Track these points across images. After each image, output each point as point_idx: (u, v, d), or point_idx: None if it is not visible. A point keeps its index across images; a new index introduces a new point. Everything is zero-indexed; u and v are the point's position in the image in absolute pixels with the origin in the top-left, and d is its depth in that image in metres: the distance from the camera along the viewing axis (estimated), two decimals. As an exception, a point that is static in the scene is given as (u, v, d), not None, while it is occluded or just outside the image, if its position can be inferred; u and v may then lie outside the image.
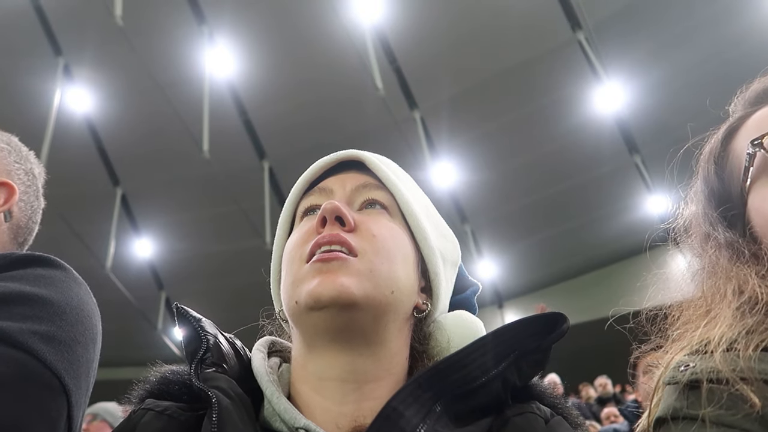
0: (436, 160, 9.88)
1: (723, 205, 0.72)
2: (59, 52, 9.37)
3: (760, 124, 0.71)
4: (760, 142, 0.67)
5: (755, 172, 0.68)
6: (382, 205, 0.71)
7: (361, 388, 0.63)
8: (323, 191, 0.72)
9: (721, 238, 0.70)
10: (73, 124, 9.75)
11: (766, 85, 0.75)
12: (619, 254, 10.31)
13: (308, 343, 0.66)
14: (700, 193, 0.76)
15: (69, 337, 0.72)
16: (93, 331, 0.79)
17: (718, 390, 0.57)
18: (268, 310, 0.74)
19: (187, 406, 0.63)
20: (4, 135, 1.03)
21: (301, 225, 0.71)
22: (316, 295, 0.61)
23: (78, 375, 0.73)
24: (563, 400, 0.67)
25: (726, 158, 0.74)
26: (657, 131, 9.23)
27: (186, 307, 0.69)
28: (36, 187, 1.04)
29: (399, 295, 0.65)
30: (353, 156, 0.74)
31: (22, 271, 0.77)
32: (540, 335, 0.64)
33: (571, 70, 9.11)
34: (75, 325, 0.74)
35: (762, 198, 0.67)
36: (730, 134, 0.75)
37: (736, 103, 0.79)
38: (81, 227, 10.12)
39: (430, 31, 9.10)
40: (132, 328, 11.09)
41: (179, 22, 9.18)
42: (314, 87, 9.53)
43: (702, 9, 8.29)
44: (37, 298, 0.73)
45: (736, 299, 0.64)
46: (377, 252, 0.65)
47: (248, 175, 10.25)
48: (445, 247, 0.76)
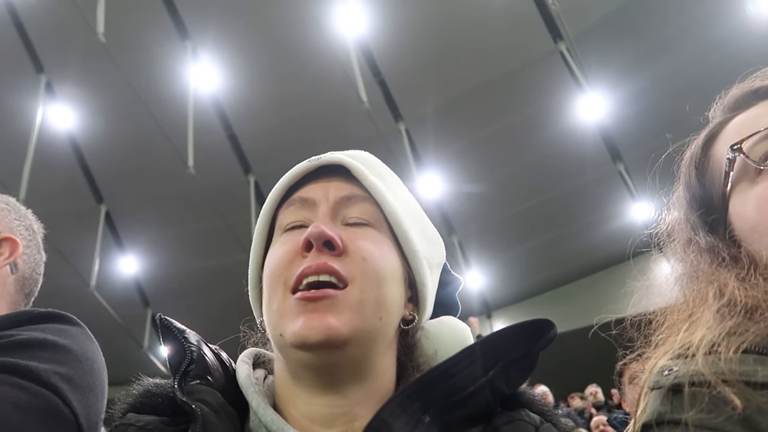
0: (422, 171, 9.90)
1: (704, 209, 0.73)
2: (41, 69, 9.30)
3: (739, 129, 0.71)
4: (740, 146, 0.68)
5: (735, 176, 0.69)
6: (367, 219, 0.68)
7: (351, 410, 0.62)
8: (305, 202, 0.68)
9: (703, 242, 0.71)
10: (56, 141, 9.65)
11: (744, 91, 0.76)
12: (605, 261, 10.37)
13: (293, 373, 0.64)
14: (682, 199, 0.77)
15: (85, 383, 0.77)
16: (103, 384, 0.84)
17: (700, 393, 0.57)
18: (250, 320, 0.73)
19: (170, 420, 0.62)
20: (3, 196, 1.11)
21: (283, 239, 0.68)
22: (303, 337, 0.59)
23: (90, 420, 0.76)
24: (552, 407, 0.67)
25: (707, 163, 0.74)
26: (639, 139, 9.33)
27: (170, 318, 0.68)
28: (36, 242, 1.11)
29: (387, 317, 0.64)
30: (336, 161, 0.70)
31: (43, 326, 0.82)
32: (527, 342, 0.64)
33: (553, 80, 9.21)
34: (90, 374, 0.80)
35: (743, 202, 0.68)
36: (710, 140, 0.75)
37: (715, 109, 0.80)
38: (64, 245, 9.97)
39: (413, 43, 9.16)
40: (117, 346, 10.91)
41: (162, 38, 9.15)
42: (299, 100, 9.54)
43: (680, 18, 8.44)
44: (58, 345, 0.78)
45: (717, 302, 0.64)
46: (367, 277, 0.62)
47: (234, 190, 10.21)
48: (431, 251, 0.74)
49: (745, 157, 0.67)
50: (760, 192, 0.66)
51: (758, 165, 0.66)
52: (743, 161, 0.68)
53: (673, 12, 8.40)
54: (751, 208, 0.66)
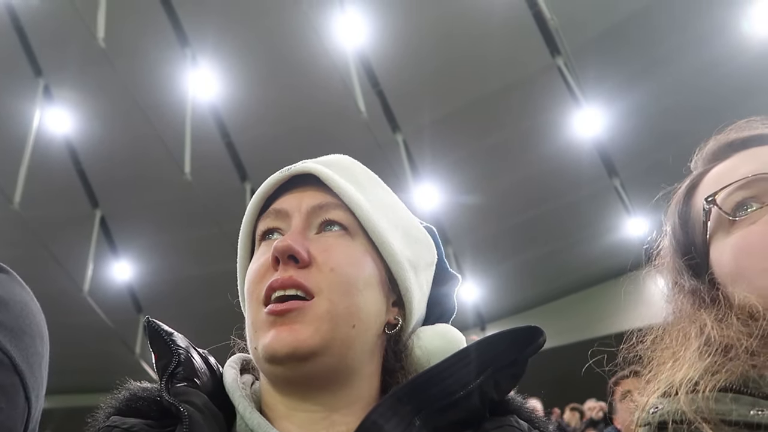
0: (418, 182, 9.93)
1: (688, 255, 0.77)
2: (39, 72, 9.31)
3: (715, 180, 0.76)
4: (713, 199, 0.73)
5: (712, 226, 0.74)
6: (341, 226, 0.67)
7: (330, 416, 0.63)
8: (279, 213, 0.69)
9: (687, 285, 0.76)
10: (53, 145, 9.65)
11: (720, 144, 0.80)
12: (600, 276, 10.39)
13: (272, 384, 0.65)
14: (668, 246, 0.82)
15: (15, 325, 0.70)
16: (39, 327, 0.76)
17: (681, 430, 0.63)
18: (240, 328, 0.73)
19: (155, 422, 0.61)
20: None
21: (258, 252, 0.68)
22: (272, 351, 0.60)
23: (29, 362, 0.70)
24: (541, 416, 0.67)
25: (689, 213, 0.79)
26: (635, 154, 9.40)
27: (158, 321, 0.68)
28: None
29: (362, 325, 0.63)
30: (305, 170, 0.70)
31: None
32: (516, 348, 0.64)
33: (550, 94, 9.26)
34: (20, 317, 0.72)
35: (719, 251, 0.73)
36: (691, 190, 0.80)
37: (696, 160, 0.84)
38: (58, 249, 9.95)
39: (412, 54, 9.22)
40: (109, 352, 10.86)
41: (162, 44, 9.18)
42: (297, 109, 9.57)
43: (678, 35, 8.52)
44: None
45: (697, 341, 0.69)
46: (334, 288, 0.62)
47: (230, 198, 10.20)
48: (416, 252, 0.73)
49: (718, 208, 0.72)
50: (734, 241, 0.71)
51: (730, 216, 0.71)
52: (717, 212, 0.73)
53: (670, 29, 8.48)
54: (726, 257, 0.72)
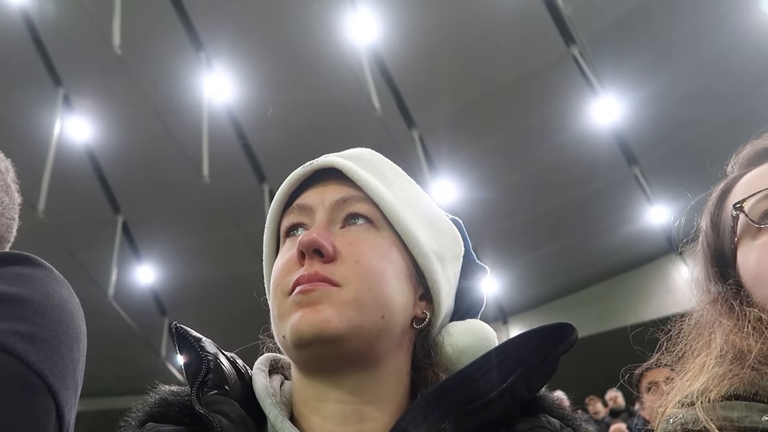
0: (435, 178, 9.89)
1: (719, 259, 0.79)
2: (59, 82, 9.44)
3: (746, 186, 0.76)
4: (741, 206, 0.74)
5: (740, 232, 0.75)
6: (366, 219, 0.67)
7: (361, 409, 0.62)
8: (303, 209, 0.69)
9: (714, 291, 0.77)
10: (74, 153, 9.79)
11: (757, 149, 0.81)
12: (622, 266, 10.28)
13: (302, 371, 0.65)
14: (700, 249, 0.83)
15: (51, 336, 0.69)
16: (77, 330, 0.76)
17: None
18: (267, 329, 0.73)
19: (187, 429, 0.62)
20: None
21: (284, 248, 0.69)
22: (299, 332, 0.59)
23: (64, 375, 0.70)
24: (572, 412, 0.66)
25: (720, 216, 0.80)
26: (654, 142, 9.26)
27: (185, 326, 0.68)
28: (4, 183, 0.96)
29: (391, 316, 0.63)
30: (328, 164, 0.70)
31: (0, 270, 0.73)
32: (547, 347, 0.63)
33: (566, 84, 9.16)
34: (57, 324, 0.71)
35: (745, 257, 0.74)
36: (724, 194, 0.81)
37: (732, 164, 0.85)
38: (83, 255, 10.10)
39: (425, 49, 9.18)
40: (135, 355, 11.01)
41: (177, 49, 9.26)
42: (312, 109, 9.58)
43: (695, 19, 8.36)
44: (17, 298, 0.69)
45: (717, 349, 0.71)
46: (362, 279, 0.62)
47: (248, 199, 10.27)
48: (443, 244, 0.73)
49: (745, 215, 0.73)
50: (759, 248, 0.72)
51: (756, 224, 0.73)
52: (745, 219, 0.74)
53: (687, 12, 8.33)
54: (751, 262, 0.73)
